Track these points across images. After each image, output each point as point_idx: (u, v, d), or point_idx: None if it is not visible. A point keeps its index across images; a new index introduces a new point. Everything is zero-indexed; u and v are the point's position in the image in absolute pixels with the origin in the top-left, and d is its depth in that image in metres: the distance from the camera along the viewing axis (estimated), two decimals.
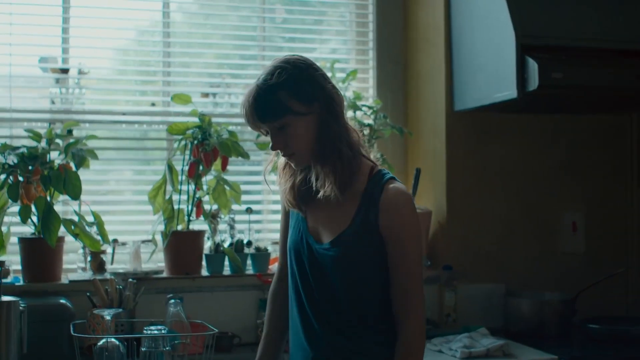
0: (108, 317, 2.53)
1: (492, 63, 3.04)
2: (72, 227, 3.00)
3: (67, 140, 3.09)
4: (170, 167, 3.19)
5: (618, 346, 3.03)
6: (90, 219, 3.11)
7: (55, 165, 3.03)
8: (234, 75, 3.65)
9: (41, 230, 2.93)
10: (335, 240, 1.96)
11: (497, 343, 2.93)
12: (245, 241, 3.32)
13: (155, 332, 2.36)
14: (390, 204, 1.92)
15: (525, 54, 2.84)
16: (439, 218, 3.40)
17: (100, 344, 2.34)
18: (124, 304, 2.89)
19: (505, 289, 3.37)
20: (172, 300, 2.64)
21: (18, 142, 3.13)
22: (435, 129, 3.44)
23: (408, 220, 1.93)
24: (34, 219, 3.01)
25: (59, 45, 3.45)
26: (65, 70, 3.43)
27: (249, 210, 3.37)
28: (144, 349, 2.33)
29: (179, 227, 3.22)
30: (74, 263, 3.27)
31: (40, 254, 3.03)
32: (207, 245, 3.29)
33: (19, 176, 3.01)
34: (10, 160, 2.97)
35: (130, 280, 2.95)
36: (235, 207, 3.31)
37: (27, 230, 3.10)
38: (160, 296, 2.85)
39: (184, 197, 3.24)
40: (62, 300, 2.88)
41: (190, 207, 3.23)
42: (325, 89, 1.96)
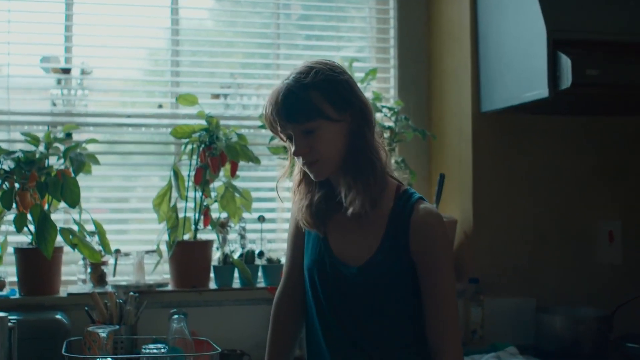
0: (103, 335, 2.39)
1: (522, 60, 2.94)
2: (70, 237, 2.89)
3: (67, 145, 3.01)
4: (176, 173, 3.08)
5: None
6: (91, 227, 3.01)
7: (54, 170, 2.94)
8: (246, 75, 3.54)
9: (36, 240, 2.83)
10: (364, 265, 1.90)
11: None
12: (256, 252, 3.22)
13: (154, 352, 2.27)
14: (421, 226, 1.87)
15: (558, 49, 2.74)
16: (465, 227, 3.31)
17: None
18: (124, 319, 2.78)
19: (536, 304, 3.27)
20: (176, 316, 2.55)
21: (17, 147, 3.04)
22: (460, 131, 3.36)
23: (441, 244, 1.88)
24: (32, 227, 2.92)
25: (61, 44, 3.36)
26: (66, 71, 3.34)
27: (261, 219, 3.25)
28: None
29: (185, 237, 3.12)
30: (74, 275, 3.17)
31: (37, 265, 2.92)
32: (217, 256, 3.19)
33: (15, 182, 2.91)
34: (7, 165, 2.89)
35: (132, 293, 2.84)
36: (246, 216, 3.21)
37: (26, 240, 3.00)
38: (165, 311, 2.74)
39: (191, 205, 3.14)
40: (58, 316, 2.77)
41: (197, 216, 3.12)
42: (360, 98, 1.91)
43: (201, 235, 3.15)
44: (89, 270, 3.07)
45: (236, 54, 3.61)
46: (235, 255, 3.18)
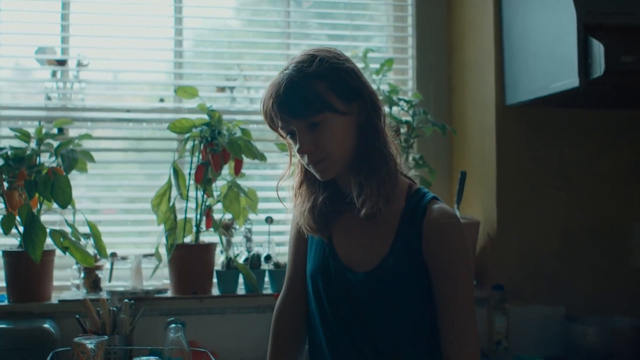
0: (91, 346, 2.28)
1: (550, 47, 2.86)
2: (61, 240, 2.77)
3: (60, 141, 2.90)
4: (176, 171, 2.97)
5: None
6: (86, 229, 2.92)
7: (45, 168, 2.82)
8: (253, 67, 3.45)
9: (24, 243, 2.72)
10: (373, 271, 1.84)
11: None
12: (263, 255, 3.10)
13: None
14: (435, 227, 1.80)
15: (589, 34, 2.66)
16: (488, 229, 3.24)
17: None
18: (118, 329, 2.66)
19: (566, 313, 3.21)
20: (173, 325, 2.49)
21: (8, 144, 2.92)
22: (483, 126, 3.29)
23: (457, 247, 1.81)
24: (21, 229, 2.79)
25: (57, 34, 3.27)
26: (62, 62, 3.24)
27: (268, 220, 3.14)
28: None
29: (187, 240, 3.01)
30: (68, 280, 3.05)
31: (26, 270, 2.81)
32: (221, 260, 3.08)
33: (3, 181, 2.80)
34: None
35: (127, 301, 2.71)
36: (254, 217, 3.10)
37: (16, 242, 2.90)
38: (164, 319, 2.66)
39: (193, 206, 3.02)
40: (46, 325, 2.66)
41: (198, 217, 3.00)
42: (369, 88, 1.85)
43: (204, 238, 3.05)
44: (82, 275, 2.95)
45: (243, 44, 3.53)
46: (241, 259, 3.07)
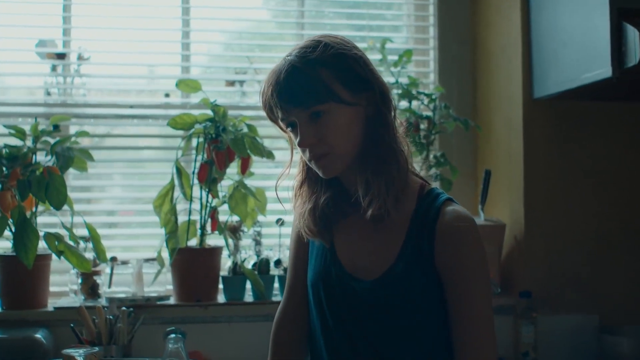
0: (79, 358, 2.17)
1: (581, 35, 2.80)
2: (56, 243, 2.68)
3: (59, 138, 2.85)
4: (179, 170, 2.87)
5: None
6: (84, 232, 2.85)
7: (41, 167, 2.74)
8: (264, 59, 3.37)
9: (15, 247, 2.63)
10: (380, 279, 1.74)
11: None
12: (273, 260, 2.99)
13: None
14: (449, 231, 1.71)
15: (624, 20, 2.59)
16: (515, 232, 3.18)
17: None
18: (115, 338, 2.56)
19: (599, 322, 3.15)
20: (172, 335, 2.48)
21: (5, 142, 2.86)
22: (509, 121, 3.24)
23: (473, 253, 1.72)
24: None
25: (59, 26, 3.20)
26: (61, 56, 3.16)
27: (279, 222, 3.02)
28: None
29: (192, 243, 2.92)
30: (66, 285, 2.97)
31: (20, 275, 2.72)
32: (228, 265, 2.99)
33: None
34: None
35: (124, 308, 2.62)
36: (263, 219, 3.01)
37: (10, 245, 2.82)
38: (165, 328, 2.63)
39: (198, 207, 2.92)
40: (38, 335, 2.56)
41: (203, 219, 2.90)
42: (378, 79, 1.76)
43: (210, 241, 2.96)
44: (80, 280, 2.87)
45: (254, 35, 3.47)
46: (249, 264, 2.97)
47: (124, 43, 3.25)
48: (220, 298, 2.94)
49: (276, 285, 2.99)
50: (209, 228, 2.91)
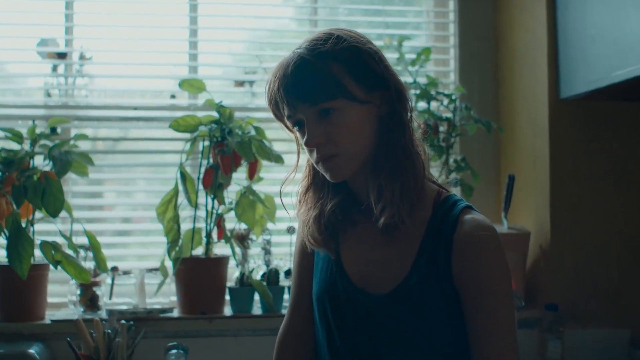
0: None
1: (612, 30, 2.71)
2: (53, 252, 2.58)
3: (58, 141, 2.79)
4: (183, 175, 2.78)
5: None
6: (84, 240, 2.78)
7: (39, 172, 2.66)
8: (276, 59, 3.23)
9: (8, 257, 2.54)
10: (392, 293, 1.67)
11: None
12: (284, 270, 2.91)
13: None
14: (468, 242, 1.64)
15: None
16: (541, 241, 3.12)
17: None
18: (113, 353, 2.47)
19: (631, 337, 3.01)
20: (174, 351, 2.48)
21: (4, 145, 2.82)
22: (534, 122, 3.19)
23: (493, 265, 1.65)
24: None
25: (61, 24, 3.15)
26: (62, 55, 3.10)
27: (290, 230, 2.94)
28: None
29: (198, 252, 2.84)
30: (66, 296, 2.89)
31: (16, 286, 2.64)
32: (235, 275, 2.91)
33: None
34: None
35: (124, 322, 2.54)
36: (271, 227, 2.92)
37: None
38: (168, 342, 2.65)
39: (204, 214, 2.85)
40: (31, 350, 2.48)
41: (209, 226, 2.81)
42: (393, 76, 1.70)
43: (217, 250, 2.88)
44: (78, 292, 2.79)
45: (264, 33, 3.42)
46: (258, 274, 2.89)
47: (127, 41, 3.19)
48: (227, 311, 2.87)
49: (286, 297, 2.90)
50: (215, 236, 2.82)
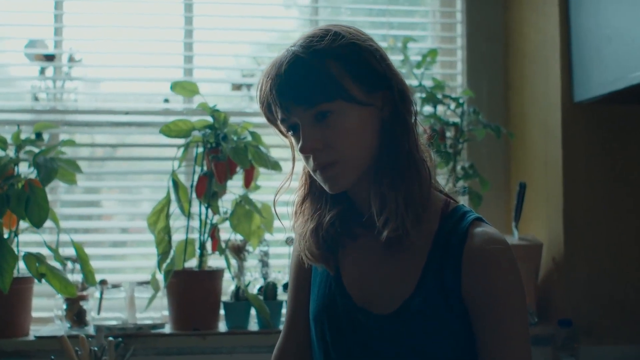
0: None
1: (629, 29, 2.62)
2: (37, 265, 2.50)
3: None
4: (175, 183, 2.69)
5: None
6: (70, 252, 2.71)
7: (23, 180, 2.59)
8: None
9: None
10: (397, 312, 1.60)
11: None
12: (282, 283, 2.82)
13: None
14: (478, 256, 1.58)
15: None
16: (554, 253, 3.04)
17: None
18: None
19: None
20: None
21: None
22: (547, 127, 3.12)
23: (505, 281, 1.57)
24: None
25: (50, 24, 3.09)
26: (50, 57, 3.03)
27: (288, 241, 2.84)
28: None
29: (190, 264, 2.75)
30: (52, 310, 2.81)
31: None
32: (231, 289, 2.82)
33: None
34: None
35: (111, 338, 2.44)
36: (269, 238, 2.84)
37: None
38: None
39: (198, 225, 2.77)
40: None
41: (203, 237, 2.72)
42: (397, 76, 1.62)
43: (211, 263, 2.80)
44: (64, 306, 2.70)
45: (263, 33, 3.37)
46: (255, 288, 2.79)
47: (119, 43, 3.12)
48: (221, 326, 2.78)
49: (284, 311, 2.76)
50: (209, 248, 2.74)
